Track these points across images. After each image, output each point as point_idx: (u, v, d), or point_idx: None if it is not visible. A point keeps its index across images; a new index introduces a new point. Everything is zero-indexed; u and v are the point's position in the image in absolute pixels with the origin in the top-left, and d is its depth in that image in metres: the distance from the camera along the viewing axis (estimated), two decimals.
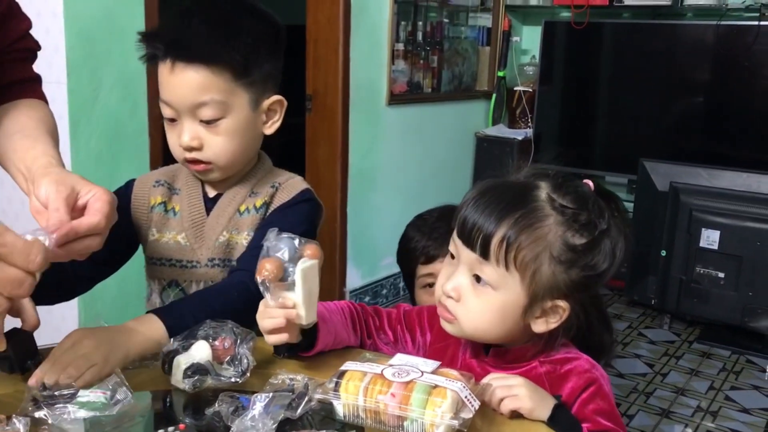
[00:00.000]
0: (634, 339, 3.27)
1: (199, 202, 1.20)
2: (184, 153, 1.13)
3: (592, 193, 0.95)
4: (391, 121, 3.39)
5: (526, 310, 0.93)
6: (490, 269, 0.92)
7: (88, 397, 0.85)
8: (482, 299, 0.93)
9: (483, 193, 0.95)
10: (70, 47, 2.12)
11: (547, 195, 0.93)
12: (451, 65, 3.73)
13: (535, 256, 0.90)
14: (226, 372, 0.90)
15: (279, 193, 1.19)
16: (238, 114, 1.12)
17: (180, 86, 1.08)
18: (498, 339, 0.97)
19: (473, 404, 0.82)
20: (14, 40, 1.08)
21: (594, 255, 0.91)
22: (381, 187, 3.41)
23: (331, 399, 0.84)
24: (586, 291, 0.94)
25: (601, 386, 0.95)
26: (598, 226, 0.92)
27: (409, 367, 0.85)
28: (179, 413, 0.91)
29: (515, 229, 0.90)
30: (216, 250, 1.18)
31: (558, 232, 0.91)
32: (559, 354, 0.98)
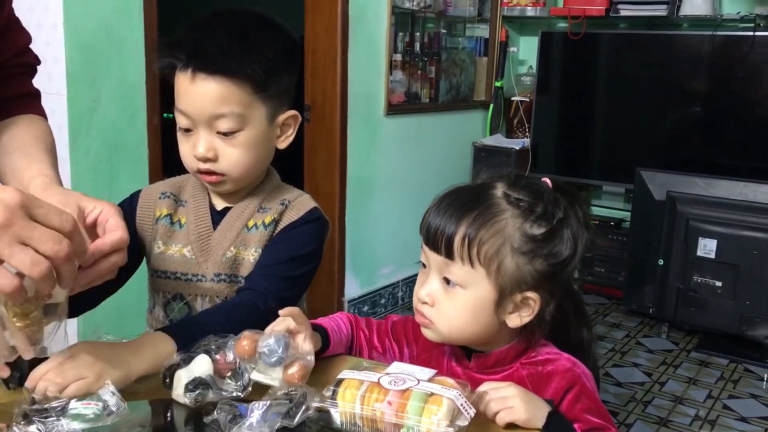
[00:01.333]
0: (632, 348, 3.28)
1: (206, 214, 1.19)
2: (197, 164, 1.12)
3: (548, 187, 0.99)
4: (389, 130, 3.40)
5: (497, 306, 0.95)
6: (457, 269, 0.94)
7: (79, 410, 0.84)
8: (454, 300, 0.96)
9: (443, 199, 0.99)
10: (70, 59, 2.14)
11: (503, 192, 0.96)
12: (449, 75, 3.75)
13: (497, 250, 0.93)
14: (228, 386, 0.90)
15: (288, 211, 1.19)
16: (254, 127, 1.12)
17: (200, 97, 1.08)
18: (476, 339, 0.99)
19: (469, 412, 0.82)
20: (14, 54, 1.09)
21: (555, 243, 0.94)
22: (379, 196, 3.43)
23: (329, 407, 0.84)
24: (554, 280, 0.96)
25: (584, 384, 0.97)
26: (556, 215, 0.95)
27: (406, 375, 0.86)
28: (179, 425, 0.91)
29: (474, 226, 0.93)
30: (223, 265, 1.17)
31: (516, 224, 0.94)
32: (540, 355, 1.00)
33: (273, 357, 0.88)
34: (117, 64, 2.26)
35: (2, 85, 1.05)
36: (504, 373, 0.98)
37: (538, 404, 0.90)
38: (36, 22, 2.10)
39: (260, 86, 1.10)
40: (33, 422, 0.81)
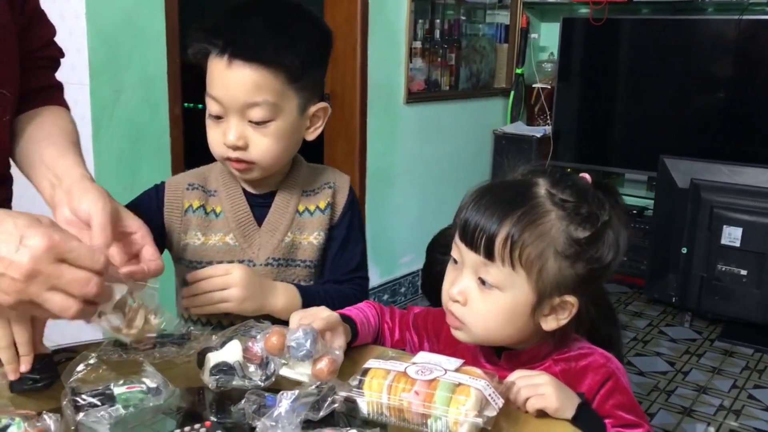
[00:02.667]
0: (654, 337, 3.25)
1: (243, 201, 1.20)
2: (227, 151, 1.12)
3: (590, 185, 0.95)
4: (408, 119, 3.38)
5: (534, 309, 0.92)
6: (496, 270, 0.91)
7: (125, 394, 0.86)
8: (490, 302, 0.93)
9: (482, 194, 0.94)
10: (93, 49, 2.14)
11: (546, 191, 0.93)
12: (469, 63, 3.72)
13: (540, 253, 0.90)
14: (253, 375, 0.90)
15: (338, 195, 1.24)
16: (286, 117, 1.12)
17: (234, 84, 1.07)
18: (509, 341, 0.97)
19: (497, 402, 0.82)
20: (38, 47, 1.09)
21: (598, 247, 0.91)
22: (399, 185, 3.41)
23: (355, 396, 0.84)
24: (594, 284, 0.94)
25: (618, 379, 0.95)
26: (600, 217, 0.91)
27: (432, 365, 0.85)
28: (208, 410, 0.92)
29: (518, 227, 0.89)
30: (280, 251, 1.19)
31: (561, 226, 0.90)
32: (572, 351, 0.98)
33: (301, 351, 0.88)
34: (139, 55, 2.27)
35: (26, 78, 1.06)
36: (536, 370, 0.96)
37: (569, 394, 0.89)
38: (58, 13, 2.11)
39: (295, 76, 1.09)
40: (82, 410, 0.83)
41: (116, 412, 0.84)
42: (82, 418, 0.82)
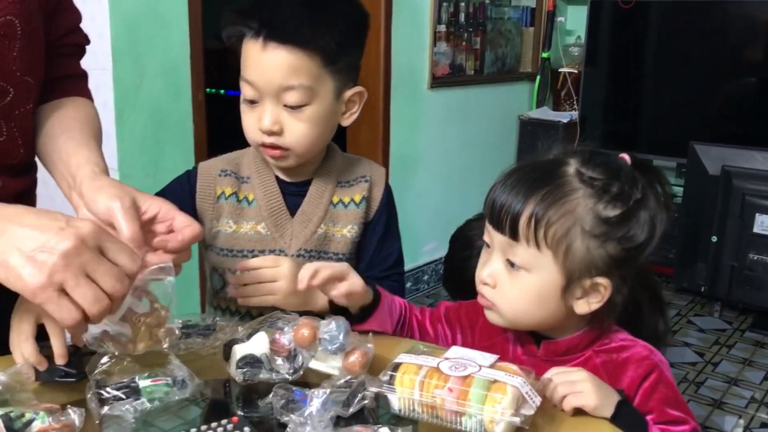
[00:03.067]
0: (683, 327, 3.20)
1: (276, 189, 1.18)
2: (261, 137, 1.09)
3: (626, 164, 0.92)
4: (433, 104, 3.34)
5: (564, 291, 0.89)
6: (521, 250, 0.89)
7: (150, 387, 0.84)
8: (518, 284, 0.91)
9: (509, 174, 0.92)
10: (115, 34, 2.13)
11: (576, 169, 0.90)
12: (494, 47, 3.67)
13: (566, 232, 0.87)
14: (281, 368, 0.88)
15: (374, 188, 1.22)
16: (322, 102, 1.09)
17: (270, 67, 1.05)
18: (541, 324, 0.94)
19: (534, 400, 0.79)
20: (63, 34, 1.07)
21: (630, 226, 0.87)
22: (422, 171, 3.38)
23: (386, 392, 0.82)
24: (627, 266, 0.90)
25: (662, 373, 0.92)
26: (633, 196, 0.88)
27: (466, 361, 0.82)
28: (234, 403, 0.90)
29: (542, 206, 0.87)
30: (312, 242, 1.17)
31: (588, 204, 0.87)
32: (613, 342, 0.94)
33: (335, 343, 0.86)
34: (161, 40, 2.25)
35: (50, 66, 1.04)
36: (576, 361, 0.93)
37: (608, 392, 0.85)
38: None
39: (331, 59, 1.07)
40: (107, 403, 0.81)
41: (141, 406, 0.83)
42: (107, 412, 0.81)
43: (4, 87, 0.94)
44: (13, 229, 0.74)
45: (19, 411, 0.71)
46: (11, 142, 0.98)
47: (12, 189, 0.98)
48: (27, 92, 0.98)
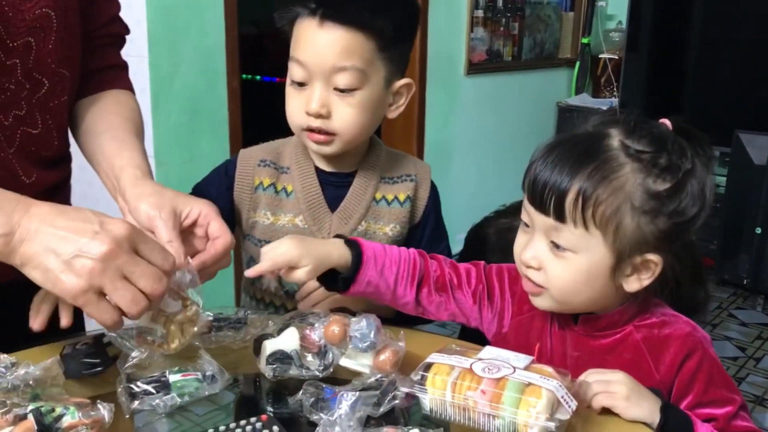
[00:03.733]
0: (723, 320, 3.12)
1: (315, 181, 1.15)
2: (307, 120, 1.07)
3: (670, 132, 0.87)
4: (469, 91, 3.30)
5: (614, 270, 0.86)
6: (568, 232, 0.85)
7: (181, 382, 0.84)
8: (565, 265, 0.87)
9: (551, 150, 0.88)
10: (151, 21, 2.13)
11: (620, 142, 0.85)
12: (533, 32, 3.61)
13: (615, 210, 0.83)
14: (311, 364, 0.87)
15: (420, 189, 1.19)
16: (372, 88, 1.07)
17: (325, 46, 1.03)
18: (590, 305, 0.91)
19: (570, 405, 0.76)
20: (102, 24, 1.07)
21: (681, 199, 0.83)
22: (458, 159, 3.35)
23: (417, 393, 0.80)
24: (678, 240, 0.86)
25: (706, 350, 0.89)
26: (682, 167, 0.83)
27: (500, 362, 0.80)
28: (264, 399, 0.89)
29: (590, 184, 0.83)
30: None
31: (637, 180, 0.83)
32: (654, 317, 0.91)
33: (365, 342, 0.85)
34: (197, 27, 2.25)
35: (89, 57, 1.04)
36: (616, 336, 0.90)
37: (644, 395, 0.82)
38: None
39: (386, 45, 1.05)
40: (137, 398, 0.81)
41: (171, 401, 0.82)
42: (137, 406, 0.81)
43: (39, 79, 0.95)
44: (47, 231, 0.74)
45: (49, 406, 0.71)
46: (46, 133, 0.98)
47: (46, 181, 0.99)
48: (62, 84, 0.98)
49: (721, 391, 0.87)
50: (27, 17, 0.90)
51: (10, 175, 0.94)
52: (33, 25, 0.91)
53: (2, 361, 0.83)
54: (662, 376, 0.89)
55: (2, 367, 0.81)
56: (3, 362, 0.82)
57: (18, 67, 0.92)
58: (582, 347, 0.92)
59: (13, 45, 0.90)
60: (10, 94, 0.92)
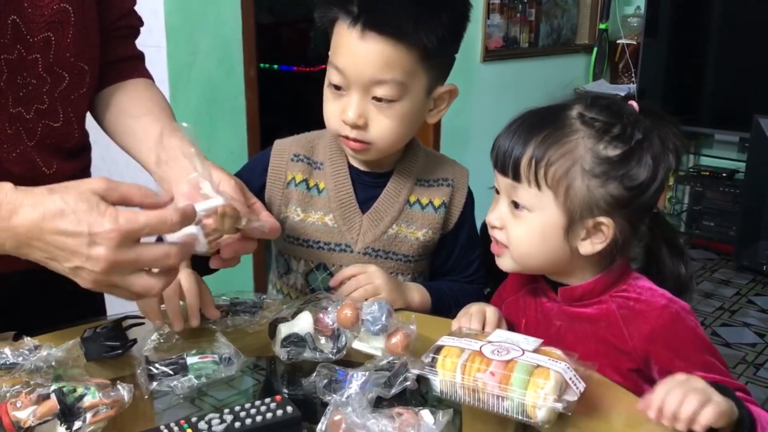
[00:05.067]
0: (742, 307, 3.10)
1: (347, 181, 1.13)
2: (343, 128, 1.04)
3: (631, 108, 0.92)
4: (485, 78, 3.29)
5: (567, 231, 0.91)
6: (523, 191, 0.91)
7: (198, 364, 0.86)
8: (522, 224, 0.93)
9: (514, 121, 0.95)
10: (169, 12, 2.15)
11: (578, 113, 0.92)
12: (550, 18, 3.58)
13: (566, 171, 0.89)
14: (324, 347, 0.89)
15: (456, 194, 1.17)
16: (412, 98, 1.03)
17: (364, 57, 0.99)
18: (549, 266, 0.96)
19: (578, 386, 0.77)
20: (118, 17, 1.09)
21: (631, 166, 0.89)
22: (474, 147, 3.33)
23: (427, 374, 0.82)
24: (630, 206, 0.90)
25: (683, 320, 0.91)
26: (634, 136, 0.89)
27: (509, 345, 0.82)
28: (279, 381, 0.92)
29: (542, 147, 0.89)
30: (381, 242, 1.13)
31: (587, 144, 0.89)
32: (631, 289, 0.94)
33: (377, 325, 0.86)
34: (214, 17, 2.27)
35: (107, 49, 1.06)
36: (594, 306, 0.95)
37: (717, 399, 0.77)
38: None
39: (428, 56, 1.00)
40: (155, 379, 0.83)
41: (189, 382, 0.85)
42: (155, 387, 0.83)
43: (60, 73, 0.97)
44: (46, 237, 0.73)
45: (71, 386, 0.73)
46: (68, 125, 1.01)
47: (65, 171, 1.01)
48: (81, 77, 1.00)
49: (704, 357, 0.90)
50: (45, 12, 0.92)
51: (30, 167, 0.96)
52: (51, 20, 0.93)
53: (26, 344, 0.85)
54: (636, 345, 0.91)
55: (26, 350, 0.84)
56: (27, 345, 0.85)
57: (39, 62, 0.94)
58: (563, 317, 0.97)
59: (33, 40, 0.92)
60: (32, 89, 0.94)
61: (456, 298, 1.14)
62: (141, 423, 0.79)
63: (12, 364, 0.82)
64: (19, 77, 0.92)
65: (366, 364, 0.83)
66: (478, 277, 1.21)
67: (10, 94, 0.92)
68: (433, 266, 1.21)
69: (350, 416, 0.69)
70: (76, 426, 0.71)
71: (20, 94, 0.93)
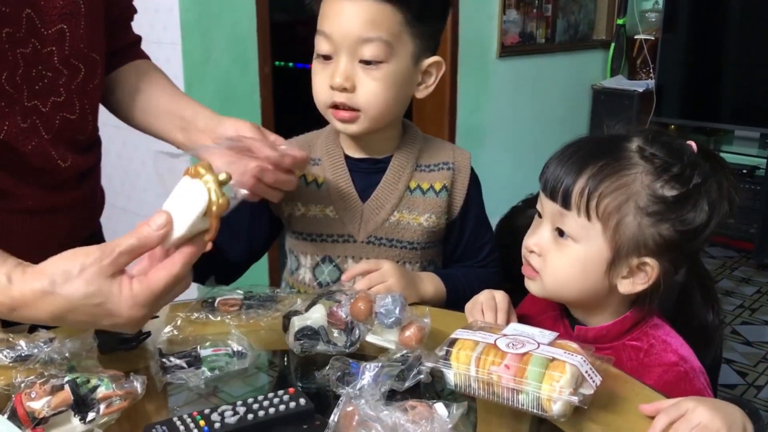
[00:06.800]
0: (763, 305, 3.06)
1: (344, 172, 1.13)
2: (332, 95, 1.05)
3: (690, 149, 0.90)
4: (501, 74, 3.27)
5: (610, 266, 0.88)
6: (572, 220, 0.88)
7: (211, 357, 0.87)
8: (564, 253, 0.90)
9: (568, 146, 0.93)
10: (184, 9, 2.16)
11: (638, 146, 0.89)
12: (567, 13, 3.55)
13: (619, 206, 0.86)
14: (338, 340, 0.89)
15: (458, 176, 1.15)
16: (399, 62, 1.04)
17: (351, 16, 1.01)
18: (581, 299, 0.93)
19: (594, 380, 0.76)
20: (127, 6, 1.11)
21: (687, 209, 0.86)
22: (490, 144, 3.32)
23: (442, 368, 0.81)
24: (678, 250, 0.88)
25: (690, 382, 0.87)
26: (693, 179, 0.86)
27: (525, 338, 0.81)
28: (293, 374, 0.92)
29: (598, 177, 0.87)
30: (383, 230, 1.13)
31: (645, 181, 0.86)
32: (644, 339, 0.91)
33: (390, 318, 0.86)
34: (229, 13, 2.27)
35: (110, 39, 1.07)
36: (605, 352, 0.89)
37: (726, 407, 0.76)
38: None
39: (414, 18, 1.03)
40: (169, 371, 0.84)
41: (202, 375, 0.85)
42: (169, 379, 0.83)
43: (76, 65, 0.98)
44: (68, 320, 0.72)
45: (85, 377, 0.74)
46: (83, 118, 1.01)
47: (80, 165, 1.01)
48: (94, 68, 1.01)
49: None
50: (58, 5, 0.93)
51: (46, 160, 0.96)
52: (64, 12, 0.94)
53: (41, 336, 0.86)
54: None
55: (41, 342, 0.85)
56: (42, 337, 0.86)
57: (54, 54, 0.94)
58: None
59: (47, 33, 0.93)
60: (47, 81, 0.95)
61: (471, 283, 1.13)
62: (155, 415, 0.80)
63: (27, 355, 0.83)
64: (34, 70, 0.93)
65: (379, 357, 0.83)
66: (491, 260, 1.20)
67: (25, 87, 0.92)
68: (444, 254, 1.20)
69: (363, 408, 0.68)
70: (89, 417, 0.72)
71: (36, 87, 0.93)
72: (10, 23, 0.89)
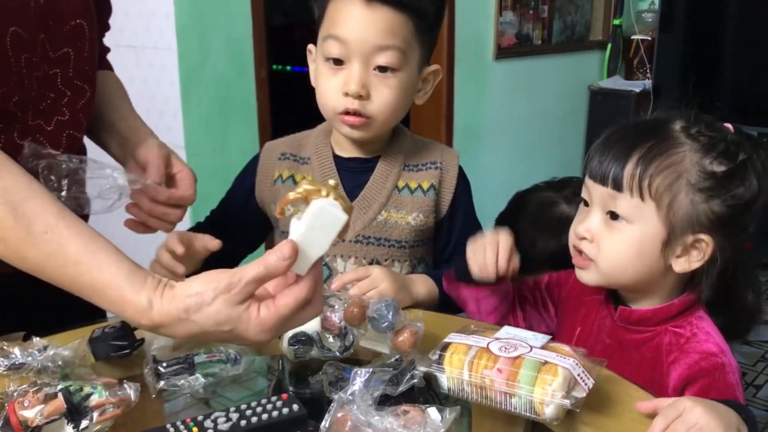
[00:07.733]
0: (763, 304, 3.05)
1: (332, 170, 1.14)
2: (344, 102, 1.04)
3: (729, 129, 0.92)
4: (498, 76, 3.27)
5: (665, 246, 0.89)
6: (624, 201, 0.89)
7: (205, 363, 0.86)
8: (618, 236, 0.90)
9: (612, 133, 0.94)
10: (180, 13, 2.16)
11: (681, 126, 0.91)
12: (563, 14, 3.56)
13: (670, 184, 0.87)
14: (332, 345, 0.89)
15: (445, 175, 1.16)
16: (409, 70, 1.06)
17: (368, 24, 1.01)
18: (637, 282, 0.93)
19: (587, 383, 0.76)
20: (106, 21, 1.12)
21: (736, 184, 0.87)
22: (488, 145, 3.32)
23: (435, 372, 0.81)
24: (731, 225, 0.88)
25: (725, 374, 0.88)
26: (739, 154, 0.88)
27: (517, 341, 0.81)
28: (287, 380, 0.92)
29: (648, 158, 0.88)
30: (371, 228, 1.14)
31: (694, 158, 0.88)
32: (689, 328, 0.91)
33: (383, 323, 0.86)
34: (225, 17, 2.27)
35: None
36: (646, 335, 0.93)
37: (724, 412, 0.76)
38: None
39: (424, 27, 1.05)
40: (163, 378, 0.84)
41: (196, 381, 0.85)
42: (163, 386, 0.83)
43: (82, 86, 0.99)
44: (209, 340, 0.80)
45: (78, 385, 0.74)
46: (80, 133, 1.03)
47: None
48: (90, 82, 1.02)
49: None
50: (65, 29, 0.95)
51: None
52: (69, 37, 0.95)
53: (35, 344, 0.86)
54: (669, 382, 0.89)
55: (35, 350, 0.85)
56: (36, 345, 0.86)
57: (58, 77, 0.96)
58: (615, 337, 0.95)
59: (53, 56, 0.95)
60: (50, 102, 0.96)
61: None
62: (149, 422, 0.79)
63: (20, 363, 0.83)
64: (40, 92, 0.94)
65: (373, 362, 0.83)
66: None
67: (31, 108, 0.94)
68: (434, 254, 1.21)
69: (355, 413, 0.69)
70: (83, 425, 0.72)
71: (40, 108, 0.95)
72: (29, 48, 0.90)
